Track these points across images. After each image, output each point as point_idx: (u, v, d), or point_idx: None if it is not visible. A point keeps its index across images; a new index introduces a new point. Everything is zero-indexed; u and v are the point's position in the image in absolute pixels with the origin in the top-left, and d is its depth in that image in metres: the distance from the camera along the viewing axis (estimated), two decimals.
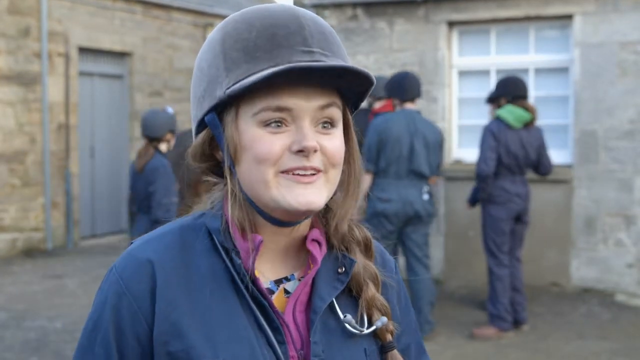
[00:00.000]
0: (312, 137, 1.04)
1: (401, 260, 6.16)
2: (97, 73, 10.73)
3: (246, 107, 1.05)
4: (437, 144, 5.72)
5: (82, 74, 10.43)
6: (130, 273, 1.07)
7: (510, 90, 5.89)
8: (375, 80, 1.08)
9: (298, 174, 1.04)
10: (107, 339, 1.06)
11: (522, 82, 5.98)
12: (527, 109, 5.89)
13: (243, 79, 1.04)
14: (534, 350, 5.54)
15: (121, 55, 10.98)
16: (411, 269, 5.71)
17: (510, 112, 5.80)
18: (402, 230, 5.68)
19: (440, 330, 5.86)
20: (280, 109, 1.04)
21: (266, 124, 1.04)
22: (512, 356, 5.40)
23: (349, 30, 8.26)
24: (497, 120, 5.84)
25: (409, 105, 5.69)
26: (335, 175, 1.09)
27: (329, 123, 1.07)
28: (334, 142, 1.07)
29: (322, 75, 1.04)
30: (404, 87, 5.69)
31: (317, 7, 8.58)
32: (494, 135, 5.76)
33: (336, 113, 1.08)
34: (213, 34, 1.12)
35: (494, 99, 6.01)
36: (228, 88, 1.04)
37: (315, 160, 1.05)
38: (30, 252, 9.56)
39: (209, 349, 1.03)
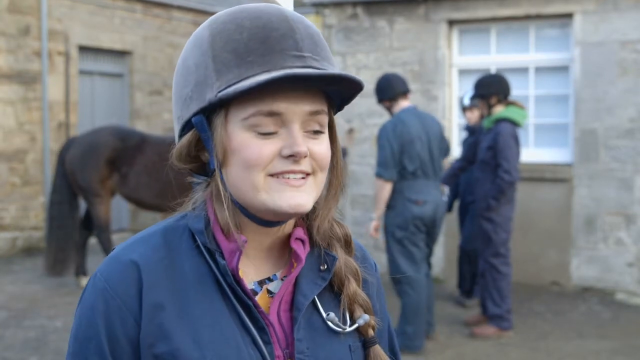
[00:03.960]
0: (303, 143, 1.05)
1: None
2: (97, 72, 10.73)
3: (236, 111, 1.05)
4: (442, 135, 5.49)
5: (82, 72, 10.43)
6: (116, 277, 1.06)
7: (503, 88, 5.83)
8: (364, 86, 1.09)
9: (288, 178, 1.05)
10: (101, 346, 1.05)
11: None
12: (521, 107, 5.88)
13: (235, 83, 1.03)
14: (534, 349, 5.54)
15: (121, 54, 10.97)
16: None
17: (517, 113, 5.76)
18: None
19: (440, 330, 5.86)
20: (271, 114, 1.04)
21: (256, 129, 1.04)
22: (512, 355, 5.40)
23: (349, 29, 8.25)
24: (508, 122, 5.71)
25: (405, 103, 5.44)
26: (323, 178, 1.10)
27: (318, 130, 1.08)
28: (322, 146, 1.08)
29: (315, 82, 1.05)
30: (390, 85, 5.40)
31: (317, 6, 8.57)
32: (516, 140, 5.69)
33: (325, 119, 1.09)
34: (200, 31, 1.10)
35: (485, 97, 5.86)
36: (220, 91, 1.04)
37: (305, 165, 1.06)
38: (31, 251, 9.57)
39: (195, 350, 1.03)
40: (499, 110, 5.82)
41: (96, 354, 1.05)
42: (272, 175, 1.05)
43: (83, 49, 10.37)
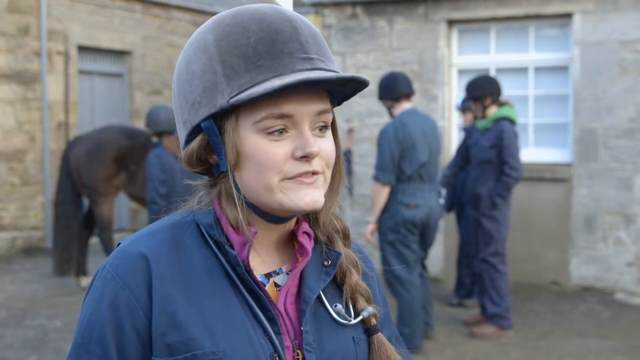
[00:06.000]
0: (314, 143, 1.07)
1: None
2: (96, 71, 10.73)
3: (247, 115, 1.06)
4: (439, 137, 5.50)
5: (82, 72, 10.43)
6: (125, 268, 1.08)
7: (496, 88, 5.83)
8: (369, 83, 1.12)
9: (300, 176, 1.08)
10: (104, 336, 1.06)
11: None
12: (511, 106, 5.89)
13: (247, 88, 1.04)
14: (534, 348, 5.54)
15: (121, 53, 10.98)
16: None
17: (512, 112, 5.78)
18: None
19: (440, 330, 5.87)
20: (282, 116, 1.06)
21: (268, 131, 1.06)
22: (512, 355, 5.40)
23: (349, 29, 8.25)
24: (508, 121, 5.73)
25: (407, 105, 5.37)
26: (329, 175, 1.13)
27: (324, 126, 1.11)
28: (329, 144, 1.11)
29: (327, 84, 1.07)
30: (396, 85, 5.32)
31: (317, 6, 8.57)
32: (517, 138, 5.71)
33: (330, 117, 1.11)
34: (203, 35, 1.10)
35: (478, 98, 5.83)
36: (232, 97, 1.05)
37: (316, 164, 1.08)
38: (30, 251, 9.57)
39: (208, 339, 1.05)
40: (494, 110, 5.83)
41: (98, 342, 1.06)
42: (286, 179, 1.07)
43: (82, 49, 10.37)
